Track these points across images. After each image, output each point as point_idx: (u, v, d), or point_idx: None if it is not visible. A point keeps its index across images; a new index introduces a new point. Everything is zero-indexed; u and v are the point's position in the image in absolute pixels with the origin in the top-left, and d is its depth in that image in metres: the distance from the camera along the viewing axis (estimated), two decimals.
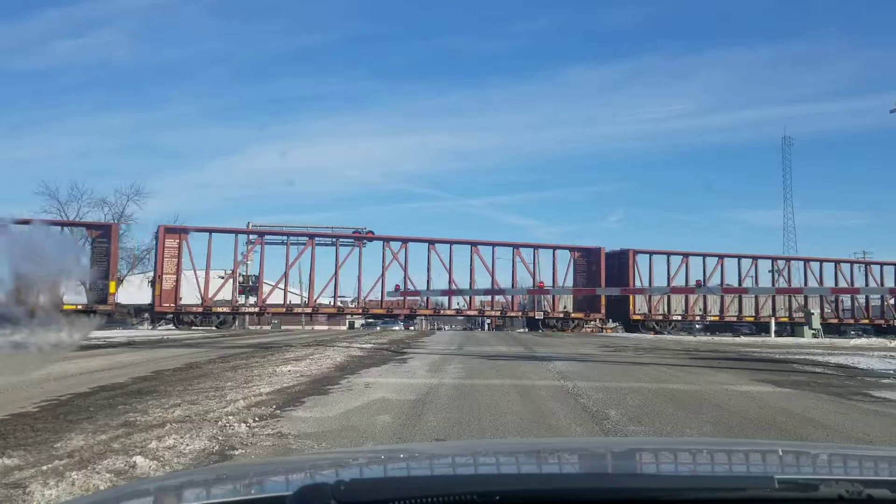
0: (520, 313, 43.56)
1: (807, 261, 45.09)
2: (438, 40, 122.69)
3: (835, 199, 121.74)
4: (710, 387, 9.96)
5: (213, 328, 35.60)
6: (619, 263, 41.16)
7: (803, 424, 6.84)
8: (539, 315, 41.21)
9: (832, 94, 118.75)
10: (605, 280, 40.12)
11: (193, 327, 35.38)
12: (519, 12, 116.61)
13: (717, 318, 43.45)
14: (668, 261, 42.01)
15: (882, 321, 43.82)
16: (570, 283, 40.79)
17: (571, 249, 41.63)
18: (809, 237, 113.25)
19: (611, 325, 42.33)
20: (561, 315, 40.92)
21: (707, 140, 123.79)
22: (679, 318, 42.40)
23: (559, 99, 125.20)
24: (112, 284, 34.70)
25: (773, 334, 36.59)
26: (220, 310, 37.02)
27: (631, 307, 40.92)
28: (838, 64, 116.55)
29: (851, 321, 43.82)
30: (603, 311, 41.06)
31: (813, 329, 37.69)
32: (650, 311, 41.60)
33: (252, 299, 39.84)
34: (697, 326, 42.62)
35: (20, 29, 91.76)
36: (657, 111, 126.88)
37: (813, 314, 39.00)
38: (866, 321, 43.82)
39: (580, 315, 40.85)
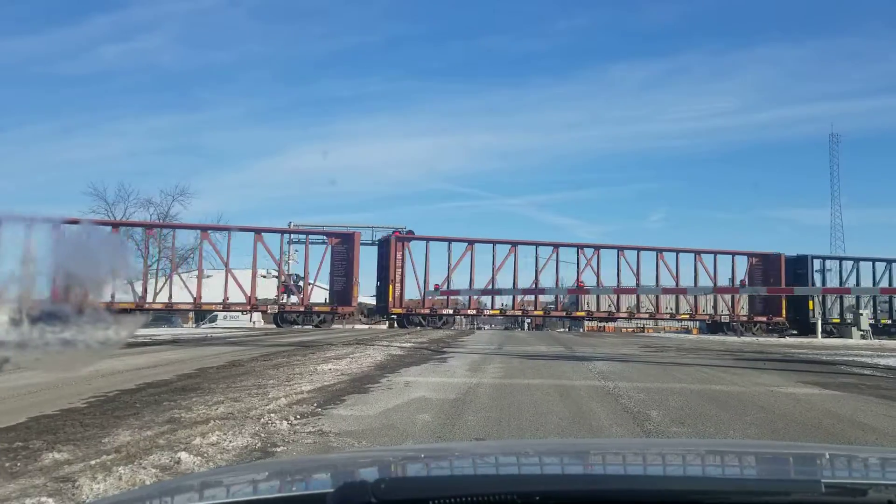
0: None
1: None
2: (478, 40, 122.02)
3: (885, 196, 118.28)
4: (754, 388, 9.79)
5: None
6: (385, 252, 38.50)
7: (851, 427, 6.69)
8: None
9: (881, 90, 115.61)
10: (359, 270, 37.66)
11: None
12: (558, 10, 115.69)
13: (474, 313, 41.31)
14: (448, 247, 38.46)
15: None
16: (325, 273, 37.62)
17: (327, 235, 38.46)
18: (859, 236, 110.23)
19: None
20: (302, 309, 37.43)
21: (753, 137, 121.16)
22: (427, 311, 39.62)
23: (600, 97, 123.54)
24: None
25: (819, 335, 35.81)
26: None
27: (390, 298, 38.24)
28: (887, 59, 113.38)
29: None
30: (355, 304, 38.80)
31: (861, 330, 36.78)
32: (423, 303, 39.14)
33: (294, 298, 40.25)
34: (742, 328, 41.61)
35: (69, 35, 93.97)
36: (701, 109, 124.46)
37: (861, 315, 38.05)
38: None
39: (327, 309, 38.02)
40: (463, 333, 31.92)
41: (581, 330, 41.77)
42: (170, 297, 35.71)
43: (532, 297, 39.89)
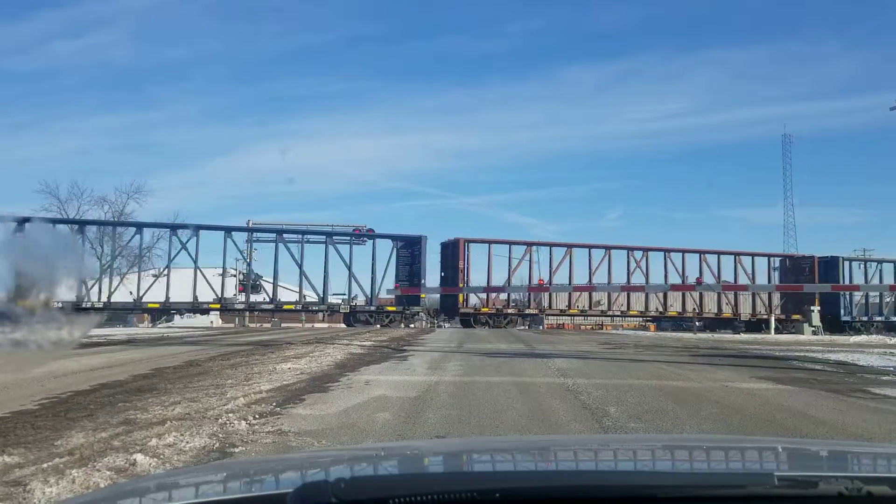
0: None
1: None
2: (437, 40, 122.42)
3: (835, 196, 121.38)
4: (709, 384, 9.96)
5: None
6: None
7: (803, 421, 6.85)
8: None
9: (831, 93, 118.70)
10: None
11: None
12: (515, 12, 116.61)
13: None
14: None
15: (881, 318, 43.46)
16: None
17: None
18: (810, 234, 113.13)
19: None
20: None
21: (706, 138, 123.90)
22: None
23: (556, 98, 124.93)
24: None
25: (772, 331, 36.54)
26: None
27: None
28: (835, 63, 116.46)
29: (848, 318, 43.46)
30: None
31: (812, 326, 37.62)
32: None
33: (254, 297, 39.85)
34: (697, 324, 42.37)
35: (20, 30, 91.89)
36: (655, 110, 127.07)
37: (812, 311, 38.92)
38: (865, 318, 43.53)
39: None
40: (423, 332, 31.91)
41: (541, 327, 41.98)
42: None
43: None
